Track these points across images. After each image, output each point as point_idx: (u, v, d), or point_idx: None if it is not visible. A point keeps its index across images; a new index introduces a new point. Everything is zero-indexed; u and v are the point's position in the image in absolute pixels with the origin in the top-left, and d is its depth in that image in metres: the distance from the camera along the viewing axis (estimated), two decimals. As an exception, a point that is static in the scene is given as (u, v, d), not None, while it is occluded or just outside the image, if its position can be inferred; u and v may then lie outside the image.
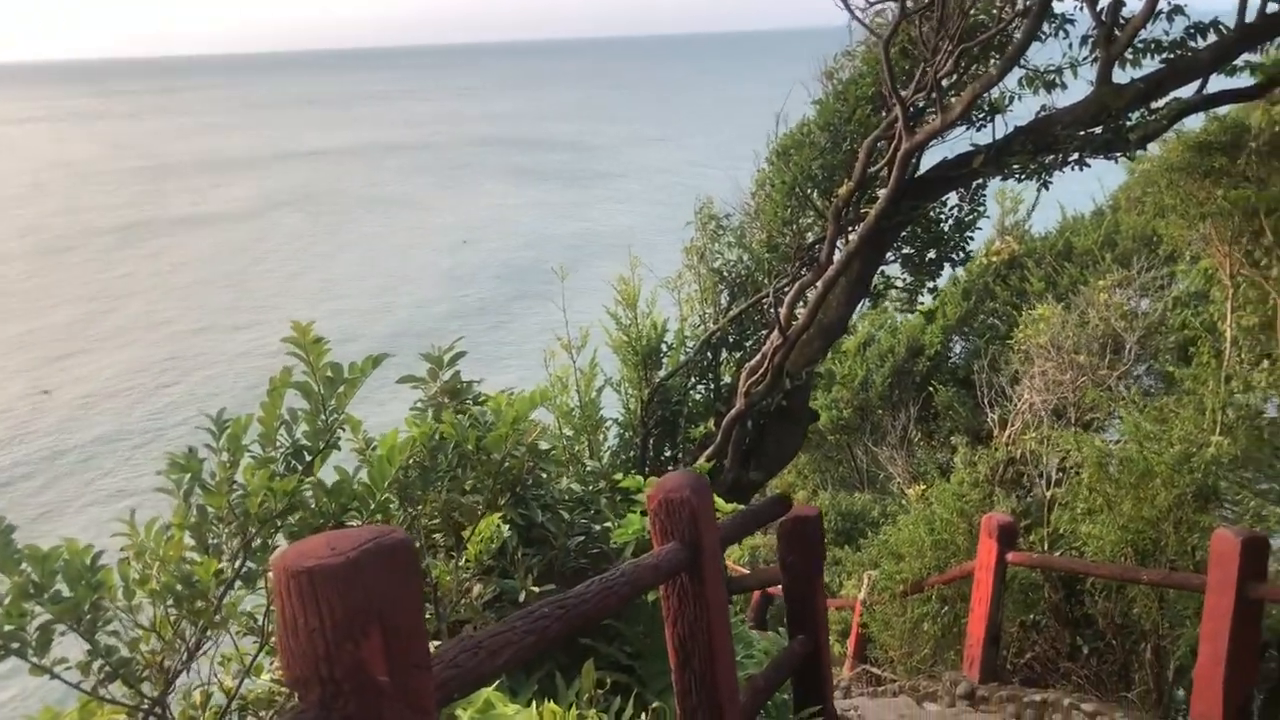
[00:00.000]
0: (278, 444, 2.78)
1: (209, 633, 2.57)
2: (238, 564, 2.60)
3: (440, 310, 48.32)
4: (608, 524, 5.56)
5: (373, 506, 2.79)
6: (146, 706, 2.48)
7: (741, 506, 5.48)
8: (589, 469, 7.02)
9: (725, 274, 11.16)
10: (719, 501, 5.62)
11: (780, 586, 5.73)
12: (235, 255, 62.18)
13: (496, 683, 4.03)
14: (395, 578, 2.04)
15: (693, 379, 11.36)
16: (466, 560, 3.38)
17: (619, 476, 6.65)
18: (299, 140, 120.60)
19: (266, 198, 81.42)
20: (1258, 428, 9.04)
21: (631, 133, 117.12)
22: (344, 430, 2.93)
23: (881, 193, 9.24)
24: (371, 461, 2.82)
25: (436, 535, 3.42)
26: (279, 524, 2.74)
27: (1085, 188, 20.77)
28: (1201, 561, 7.47)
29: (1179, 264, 14.52)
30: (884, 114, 9.68)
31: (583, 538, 5.34)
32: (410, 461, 3.25)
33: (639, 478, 5.82)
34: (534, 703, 3.40)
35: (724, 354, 11.55)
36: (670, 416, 10.81)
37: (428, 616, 3.57)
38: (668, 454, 10.89)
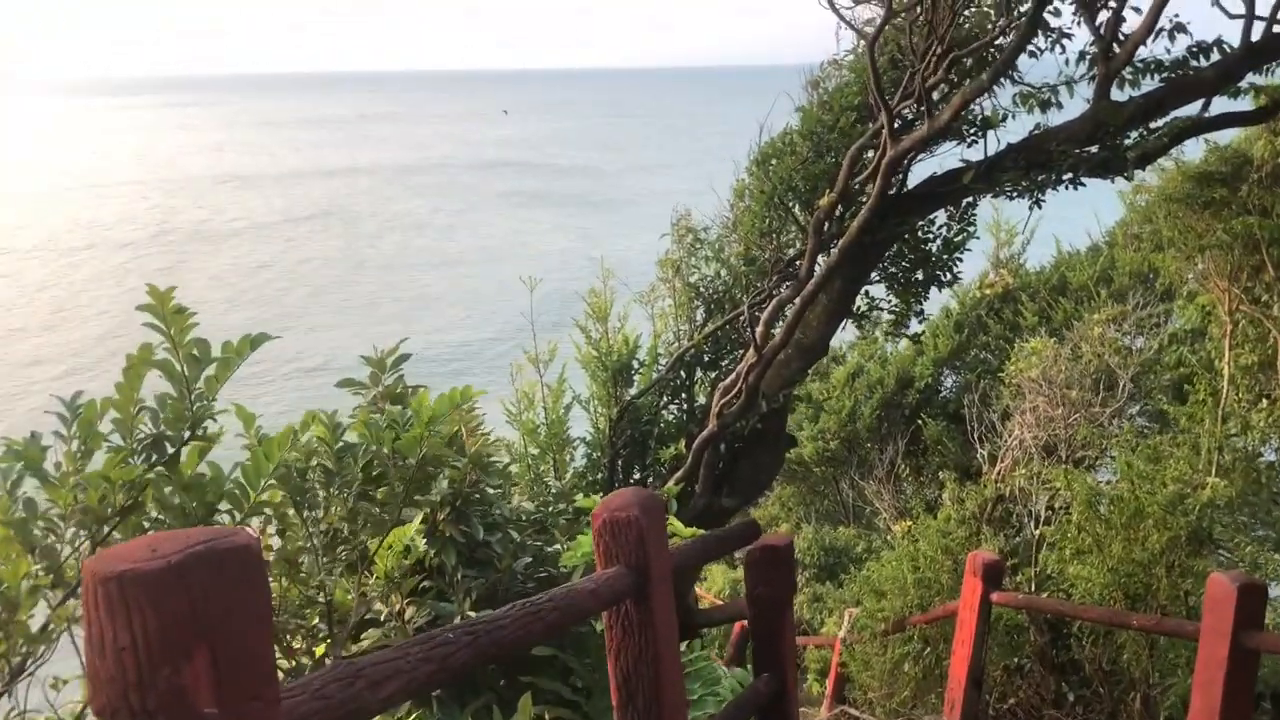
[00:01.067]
0: (137, 433, 2.40)
1: (33, 651, 2.16)
2: (80, 570, 2.22)
3: (457, 337, 47.38)
4: (560, 546, 5.20)
5: (247, 508, 2.40)
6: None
7: (703, 532, 5.10)
8: (552, 490, 6.67)
9: (702, 289, 10.78)
10: (678, 525, 5.25)
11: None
12: (250, 273, 61.72)
13: (418, 714, 3.66)
14: (232, 590, 1.68)
15: (665, 398, 10.99)
16: (376, 578, 3.00)
17: (579, 497, 6.28)
18: (316, 159, 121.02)
19: (283, 213, 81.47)
20: (1255, 470, 8.78)
21: (640, 160, 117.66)
22: (217, 422, 2.54)
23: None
24: (252, 454, 2.45)
25: (341, 549, 3.05)
26: (143, 526, 2.37)
27: (1082, 224, 20.59)
28: (1194, 608, 7.16)
29: (1176, 300, 14.26)
30: (870, 125, 9.36)
31: (532, 560, 4.97)
32: (313, 464, 2.88)
33: (598, 498, 5.45)
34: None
35: (698, 373, 11.17)
36: (640, 437, 10.44)
37: (326, 642, 3.20)
38: (637, 476, 10.50)
